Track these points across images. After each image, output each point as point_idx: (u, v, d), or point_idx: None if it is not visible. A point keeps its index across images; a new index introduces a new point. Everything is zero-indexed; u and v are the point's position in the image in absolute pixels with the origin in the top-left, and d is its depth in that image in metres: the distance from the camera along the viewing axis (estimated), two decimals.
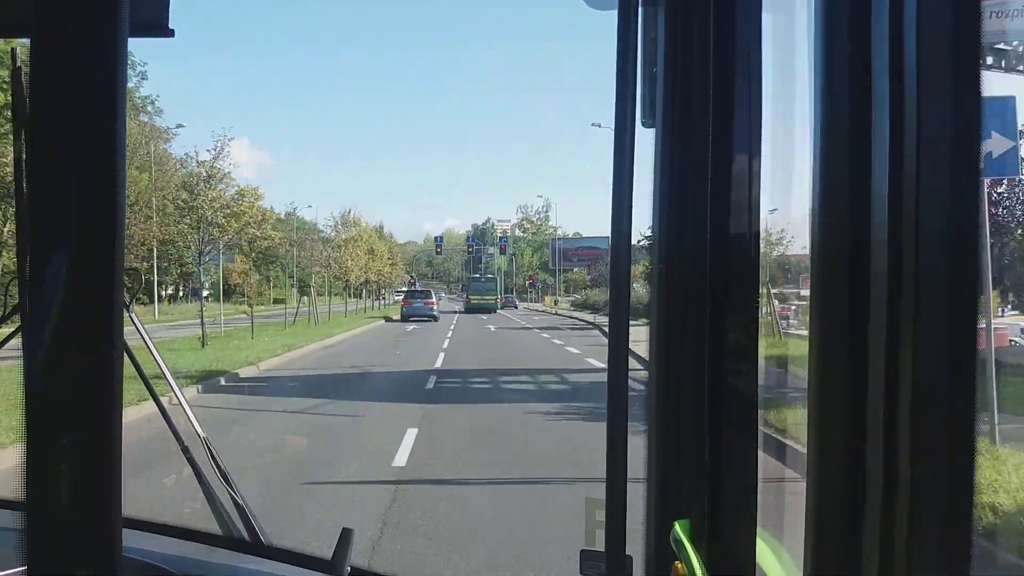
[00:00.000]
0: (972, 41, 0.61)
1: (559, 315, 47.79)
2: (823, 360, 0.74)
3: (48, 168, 0.54)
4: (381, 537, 5.22)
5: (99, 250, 0.55)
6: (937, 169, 0.62)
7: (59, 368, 0.55)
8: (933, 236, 0.62)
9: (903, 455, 0.65)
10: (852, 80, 0.71)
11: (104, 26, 0.55)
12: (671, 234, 1.07)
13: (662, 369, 1.11)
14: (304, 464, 7.73)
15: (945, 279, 0.62)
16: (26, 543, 0.54)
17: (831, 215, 0.73)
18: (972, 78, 0.61)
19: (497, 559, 4.95)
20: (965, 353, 0.62)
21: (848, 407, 0.71)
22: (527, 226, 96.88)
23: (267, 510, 4.74)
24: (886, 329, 0.66)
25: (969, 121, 0.61)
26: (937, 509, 0.64)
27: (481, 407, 11.53)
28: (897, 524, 0.66)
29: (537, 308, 65.16)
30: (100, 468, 0.56)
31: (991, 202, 14.22)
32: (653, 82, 1.09)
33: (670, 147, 1.06)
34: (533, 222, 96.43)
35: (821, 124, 0.74)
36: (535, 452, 8.14)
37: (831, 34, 0.73)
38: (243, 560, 1.59)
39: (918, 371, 0.63)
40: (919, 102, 0.62)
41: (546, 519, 5.63)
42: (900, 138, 0.64)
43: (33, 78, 0.54)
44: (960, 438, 0.63)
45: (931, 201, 0.62)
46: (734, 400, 0.94)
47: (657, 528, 1.11)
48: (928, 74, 0.62)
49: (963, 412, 0.63)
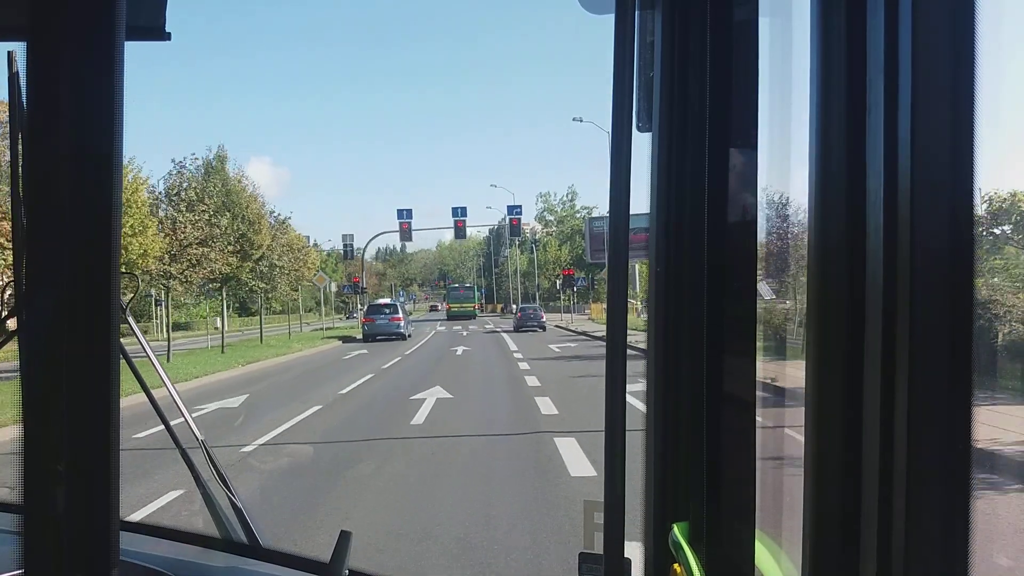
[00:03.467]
0: (967, 41, 0.61)
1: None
2: (820, 362, 0.75)
3: (45, 171, 0.54)
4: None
5: (96, 254, 0.55)
6: (933, 169, 0.62)
7: (56, 371, 0.55)
8: (929, 236, 0.62)
9: (900, 457, 0.65)
10: (848, 84, 0.71)
11: (100, 29, 0.55)
12: (668, 238, 1.07)
13: (660, 372, 1.11)
14: None
15: (941, 279, 0.62)
16: (24, 546, 0.54)
17: (828, 218, 0.73)
18: (967, 78, 0.61)
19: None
20: (961, 353, 0.62)
21: (845, 409, 0.71)
22: (549, 217, 76.17)
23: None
24: (882, 331, 0.66)
25: (965, 121, 0.61)
26: (935, 511, 0.64)
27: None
28: (895, 526, 0.66)
29: (575, 328, 36.85)
30: (97, 471, 0.56)
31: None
32: (650, 86, 1.10)
33: (667, 151, 1.07)
34: (557, 211, 75.49)
35: (817, 128, 0.74)
36: None
37: (827, 39, 0.73)
38: (241, 563, 1.59)
39: (915, 372, 0.63)
40: (914, 105, 0.63)
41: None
42: (895, 140, 0.65)
43: (29, 82, 0.54)
44: (957, 439, 0.63)
45: (927, 200, 0.62)
46: (732, 403, 0.94)
47: (656, 531, 1.11)
48: (924, 76, 0.62)
49: (960, 413, 0.63)
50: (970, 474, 0.63)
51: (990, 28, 0.61)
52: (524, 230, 69.83)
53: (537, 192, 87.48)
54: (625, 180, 0.97)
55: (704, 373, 0.95)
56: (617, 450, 1.03)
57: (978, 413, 0.63)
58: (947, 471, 0.64)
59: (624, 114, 0.94)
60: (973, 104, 0.61)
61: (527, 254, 74.20)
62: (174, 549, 1.62)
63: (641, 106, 1.10)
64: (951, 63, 0.62)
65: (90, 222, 0.55)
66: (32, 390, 0.55)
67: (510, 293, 75.87)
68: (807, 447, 0.75)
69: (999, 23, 0.71)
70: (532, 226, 75.71)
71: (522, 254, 71.89)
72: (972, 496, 0.63)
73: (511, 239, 68.09)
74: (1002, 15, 0.79)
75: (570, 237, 69.80)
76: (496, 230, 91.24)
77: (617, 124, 0.94)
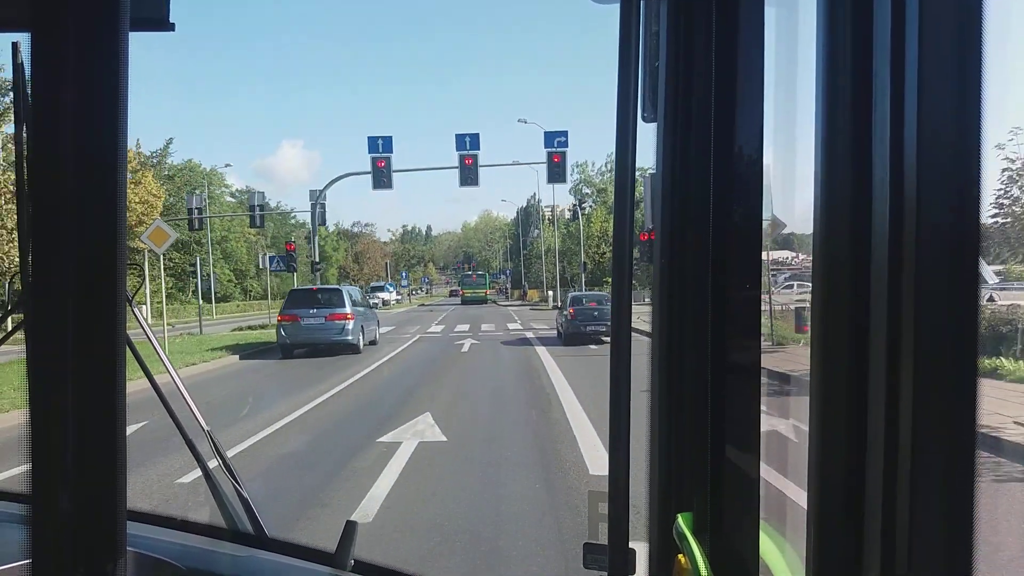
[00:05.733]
0: (974, 32, 0.61)
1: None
2: (825, 353, 0.74)
3: (49, 162, 0.54)
4: None
5: (101, 245, 0.55)
6: (939, 163, 0.62)
7: (63, 363, 0.55)
8: (935, 227, 0.62)
9: (904, 448, 0.65)
10: (855, 73, 0.70)
11: (104, 20, 0.55)
12: (673, 229, 1.07)
13: (665, 363, 1.11)
14: None
15: (946, 276, 0.62)
16: (31, 536, 0.55)
17: (833, 208, 0.73)
18: (974, 70, 0.61)
19: None
20: (966, 349, 0.62)
21: (850, 400, 0.71)
22: (586, 190, 65.78)
23: None
24: (888, 322, 0.66)
25: (971, 116, 0.61)
26: (939, 501, 0.64)
27: None
28: (899, 517, 0.66)
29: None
30: (104, 461, 0.56)
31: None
32: (655, 76, 1.09)
33: (672, 141, 1.06)
34: (595, 182, 65.58)
35: (823, 118, 0.73)
36: None
37: (833, 27, 0.73)
38: (247, 552, 1.60)
39: (920, 365, 0.63)
40: (920, 97, 0.62)
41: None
42: (901, 131, 0.64)
43: (33, 73, 0.53)
44: (961, 431, 0.63)
45: (933, 191, 0.62)
46: (737, 394, 0.94)
47: (660, 521, 1.11)
48: (931, 67, 0.62)
49: (964, 405, 0.63)
50: (974, 466, 0.63)
51: (996, 19, 0.61)
52: (555, 213, 61.18)
53: (573, 162, 70.72)
54: (631, 169, 0.97)
55: (709, 364, 0.95)
56: (622, 441, 1.03)
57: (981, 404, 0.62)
58: (951, 463, 0.64)
59: (629, 104, 0.94)
60: (980, 96, 0.60)
61: (564, 229, 61.77)
62: (181, 539, 1.63)
63: (646, 96, 1.10)
64: (957, 53, 0.62)
65: (95, 213, 0.55)
66: (39, 381, 0.55)
67: (544, 277, 59.95)
68: (811, 438, 0.75)
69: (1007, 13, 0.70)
70: (561, 207, 64.98)
71: (555, 231, 58.53)
72: (976, 488, 0.63)
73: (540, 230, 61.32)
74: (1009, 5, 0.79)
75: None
76: (524, 209, 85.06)
77: (622, 114, 0.94)
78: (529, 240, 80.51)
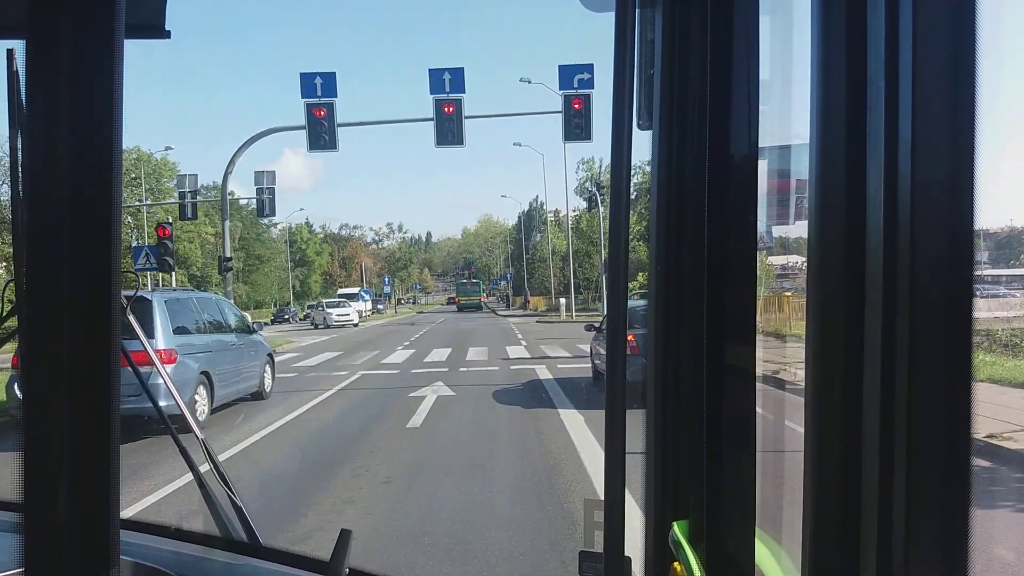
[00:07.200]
0: (968, 38, 0.61)
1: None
2: (820, 360, 0.75)
3: (44, 170, 0.54)
4: None
5: (96, 252, 0.55)
6: (933, 168, 0.62)
7: (56, 370, 0.54)
8: (929, 233, 0.62)
9: (900, 454, 0.65)
10: (849, 82, 0.71)
11: (100, 27, 0.55)
12: (669, 236, 1.07)
13: (661, 370, 1.11)
14: None
15: (940, 279, 0.62)
16: (25, 544, 0.54)
17: (828, 215, 0.73)
18: (968, 76, 0.61)
19: None
20: (961, 353, 0.62)
21: (846, 407, 0.71)
22: (591, 188, 56.12)
23: None
24: (883, 328, 0.66)
25: (965, 120, 0.61)
26: (934, 508, 0.64)
27: None
28: (895, 524, 0.66)
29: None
30: (98, 469, 0.56)
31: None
32: (650, 84, 1.10)
33: (667, 149, 1.07)
34: (602, 184, 54.19)
35: (818, 126, 0.74)
36: None
37: (827, 37, 0.73)
38: (241, 561, 1.59)
39: (914, 371, 0.63)
40: (915, 104, 0.63)
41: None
42: (895, 138, 0.64)
43: (28, 80, 0.53)
44: (956, 437, 0.63)
45: (927, 198, 0.62)
46: (732, 401, 0.94)
47: (656, 529, 1.11)
48: (925, 75, 0.62)
49: (959, 411, 0.63)
50: (970, 471, 0.63)
51: (991, 25, 0.61)
52: (557, 217, 57.53)
53: (579, 159, 65.82)
54: (626, 177, 0.97)
55: (704, 371, 0.95)
56: (617, 449, 1.03)
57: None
58: (947, 468, 0.64)
59: (625, 112, 0.94)
60: (974, 102, 0.61)
61: (575, 224, 54.30)
62: (174, 547, 1.62)
63: (641, 104, 1.10)
64: (951, 60, 0.62)
65: (89, 220, 0.55)
66: (32, 388, 0.55)
67: (551, 282, 54.42)
68: (807, 445, 0.75)
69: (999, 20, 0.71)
70: (562, 212, 60.43)
71: (567, 217, 52.69)
72: (972, 493, 0.63)
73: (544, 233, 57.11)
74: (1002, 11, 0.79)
75: (641, 196, 46.03)
76: (527, 212, 79.94)
77: (617, 121, 0.94)
78: (531, 244, 76.37)
